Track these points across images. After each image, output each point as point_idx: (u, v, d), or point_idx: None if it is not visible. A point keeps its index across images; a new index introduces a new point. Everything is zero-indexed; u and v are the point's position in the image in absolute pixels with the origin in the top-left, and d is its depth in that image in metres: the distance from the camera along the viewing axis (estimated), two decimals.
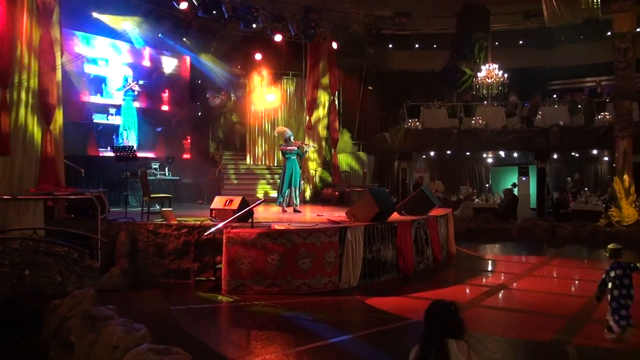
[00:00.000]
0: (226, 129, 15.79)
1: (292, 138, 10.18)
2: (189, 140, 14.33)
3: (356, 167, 16.21)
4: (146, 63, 13.36)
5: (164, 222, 7.72)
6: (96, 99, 12.16)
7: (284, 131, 10.33)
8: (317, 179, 14.84)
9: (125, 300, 6.27)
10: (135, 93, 12.73)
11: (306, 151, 10.66)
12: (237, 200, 7.71)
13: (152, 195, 8.90)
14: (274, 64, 15.36)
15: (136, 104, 12.75)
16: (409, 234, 7.99)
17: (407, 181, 15.19)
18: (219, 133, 15.77)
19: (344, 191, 13.50)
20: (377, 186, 15.35)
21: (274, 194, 14.85)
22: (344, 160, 16.12)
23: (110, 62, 12.44)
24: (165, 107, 13.81)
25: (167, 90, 13.81)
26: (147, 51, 13.27)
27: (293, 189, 10.05)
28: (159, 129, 13.28)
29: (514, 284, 7.55)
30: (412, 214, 8.73)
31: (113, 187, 10.81)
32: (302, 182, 13.47)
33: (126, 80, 12.61)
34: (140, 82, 12.91)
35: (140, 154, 12.28)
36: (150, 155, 12.93)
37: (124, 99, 12.50)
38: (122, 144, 11.54)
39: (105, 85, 12.36)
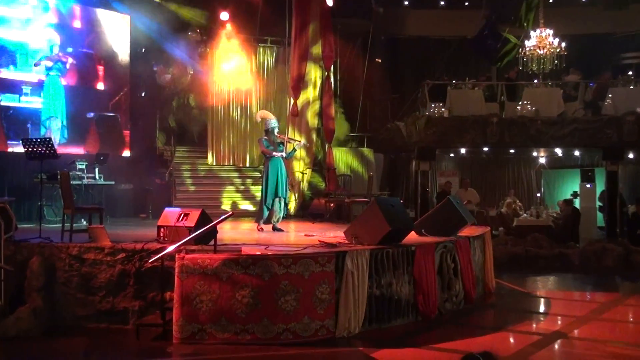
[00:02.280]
0: (180, 116, 15.81)
1: (276, 130, 10.21)
2: (129, 132, 14.30)
3: (359, 168, 16.28)
4: (77, 24, 13.32)
5: (92, 244, 7.65)
6: (5, 74, 12.08)
7: (267, 119, 10.33)
8: (304, 184, 14.88)
9: (36, 352, 6.15)
10: (67, 66, 12.67)
11: (295, 150, 10.65)
12: (195, 215, 7.67)
13: (76, 207, 8.83)
14: (247, 26, 15.43)
15: (63, 81, 12.72)
16: (431, 261, 7.98)
17: (428, 189, 15.23)
18: (169, 121, 15.77)
19: (342, 202, 13.52)
20: (388, 195, 15.56)
21: (245, 205, 14.88)
22: (343, 159, 16.19)
23: (32, 23, 12.36)
24: (101, 86, 13.77)
25: (102, 63, 13.76)
26: (78, 9, 13.24)
27: (278, 200, 10.07)
28: (91, 115, 13.23)
29: (575, 332, 7.56)
30: (436, 234, 8.74)
31: (23, 195, 10.73)
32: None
33: (52, 48, 12.55)
34: (69, 49, 12.87)
35: (63, 150, 12.25)
36: (79, 151, 12.88)
37: (47, 75, 12.41)
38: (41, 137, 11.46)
39: (22, 55, 12.28)
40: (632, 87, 15.45)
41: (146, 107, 14.84)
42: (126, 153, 14.10)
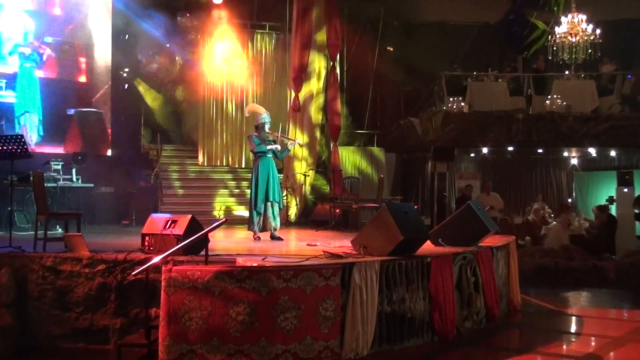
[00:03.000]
0: (168, 111, 15.81)
1: (267, 126, 10.19)
2: (110, 130, 14.34)
3: (368, 170, 16.29)
4: (57, 11, 13.34)
5: (69, 255, 7.65)
6: None
7: (257, 113, 10.31)
8: (307, 188, 14.88)
9: None
10: (44, 58, 12.69)
11: (288, 149, 10.66)
12: (184, 221, 7.67)
13: (51, 213, 8.84)
14: (242, 10, 15.46)
15: (40, 74, 12.73)
16: (449, 274, 7.96)
17: (445, 193, 15.21)
18: (155, 117, 15.79)
19: (349, 208, 13.51)
20: (401, 201, 15.54)
21: (240, 211, 14.88)
22: (350, 159, 16.20)
23: (4, 8, 12.40)
24: (83, 79, 13.79)
25: (85, 54, 13.77)
26: None
27: (270, 204, 10.04)
28: (72, 112, 13.25)
29: (611, 354, 7.53)
30: (455, 243, 8.72)
31: None
32: (285, 194, 13.46)
33: (26, 36, 12.57)
34: (49, 39, 12.90)
35: (40, 149, 12.29)
36: (59, 151, 12.92)
37: (21, 66, 12.44)
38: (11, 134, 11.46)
39: None
40: None
41: (129, 101, 14.87)
42: (107, 152, 14.13)
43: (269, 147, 10.03)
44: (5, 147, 8.62)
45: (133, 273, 7.10)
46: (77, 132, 13.29)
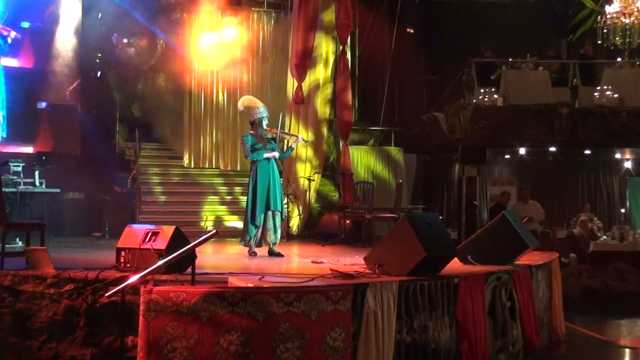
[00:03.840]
0: (147, 103, 15.82)
1: (265, 122, 10.17)
2: (79, 125, 14.31)
3: (384, 174, 16.28)
4: None
5: (31, 272, 7.65)
6: None
7: (253, 107, 10.29)
8: (311, 194, 14.88)
9: None
10: (9, 41, 12.70)
11: (291, 148, 10.64)
12: (167, 233, 7.67)
13: (9, 223, 8.82)
14: None
15: (5, 62, 12.75)
16: (480, 298, 7.95)
17: (476, 201, 15.19)
18: (133, 110, 15.82)
19: (362, 218, 13.49)
20: (423, 210, 15.50)
21: (233, 222, 14.87)
22: (362, 161, 16.20)
23: None
24: (60, 68, 13.79)
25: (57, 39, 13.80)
26: None
27: (271, 214, 10.02)
28: (44, 105, 13.25)
29: None
30: (487, 261, 8.72)
31: None
32: (286, 202, 13.43)
33: None
34: (26, 24, 12.93)
35: (4, 149, 12.28)
36: (28, 150, 12.92)
37: None
38: None
39: None
40: None
41: (102, 92, 14.85)
42: (74, 152, 14.06)
43: (266, 154, 10.01)
44: None
45: (106, 294, 7.09)
46: (48, 128, 13.28)
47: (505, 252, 8.91)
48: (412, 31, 17.77)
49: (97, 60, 14.91)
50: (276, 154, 10.11)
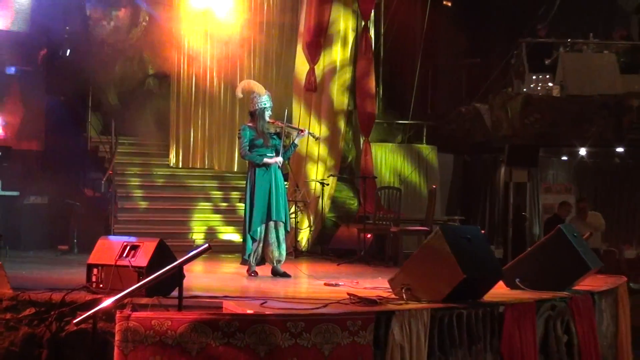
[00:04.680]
0: (127, 89, 15.86)
1: (268, 113, 10.14)
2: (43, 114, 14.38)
3: (413, 177, 16.26)
4: None
5: None
6: None
7: (254, 93, 10.23)
8: (325, 202, 14.87)
9: None
10: None
11: (295, 145, 10.51)
12: (149, 248, 7.68)
13: None
14: None
15: None
16: (530, 331, 7.93)
17: (525, 212, 15.16)
18: (109, 97, 15.84)
19: (387, 232, 13.49)
20: (461, 222, 15.41)
21: (229, 234, 14.88)
22: (387, 162, 16.18)
23: None
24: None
25: None
26: None
27: (272, 226, 10.04)
28: (12, 71, 13.31)
29: None
30: (539, 286, 8.72)
31: None
32: (293, 211, 13.42)
33: None
34: None
35: None
36: None
37: None
38: None
39: None
40: None
41: (72, 74, 14.87)
42: (36, 147, 14.16)
43: (266, 160, 9.97)
44: None
45: (74, 321, 7.11)
46: (18, 99, 13.36)
47: (562, 275, 8.87)
48: (449, 4, 17.75)
49: (66, 36, 14.93)
50: (280, 159, 10.06)
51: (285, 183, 11.82)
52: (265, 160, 9.97)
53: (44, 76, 14.38)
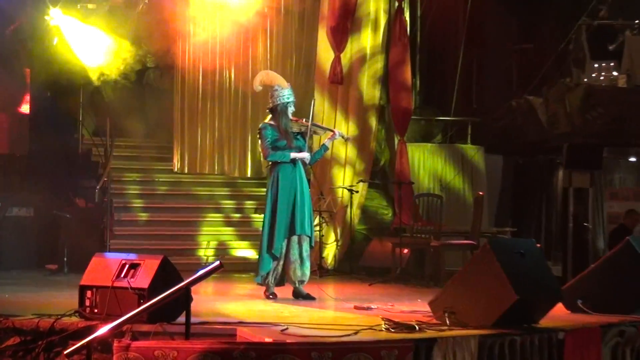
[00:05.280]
0: (124, 83, 15.88)
1: (291, 109, 10.15)
2: (21, 108, 14.44)
3: (456, 183, 16.26)
4: None
5: None
6: None
7: (275, 86, 10.21)
8: (354, 212, 14.86)
9: None
10: None
11: (326, 148, 10.54)
12: (151, 266, 7.70)
13: None
14: None
15: None
16: None
17: (587, 223, 15.10)
18: (103, 92, 15.86)
19: (426, 247, 13.46)
20: (513, 235, 15.34)
21: (243, 250, 14.90)
22: (426, 165, 16.18)
23: None
24: None
25: None
26: None
27: (296, 241, 10.02)
28: None
29: None
30: (605, 309, 8.69)
31: None
32: (317, 222, 13.39)
33: None
34: None
35: None
36: None
37: None
38: None
39: None
40: None
41: (59, 67, 14.91)
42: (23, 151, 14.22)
43: (294, 155, 9.99)
44: None
45: (65, 352, 7.13)
46: None
47: (631, 296, 8.84)
48: None
49: (51, 21, 14.97)
50: (307, 154, 10.07)
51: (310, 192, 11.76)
52: (293, 155, 9.97)
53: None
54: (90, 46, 15.31)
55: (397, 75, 15.12)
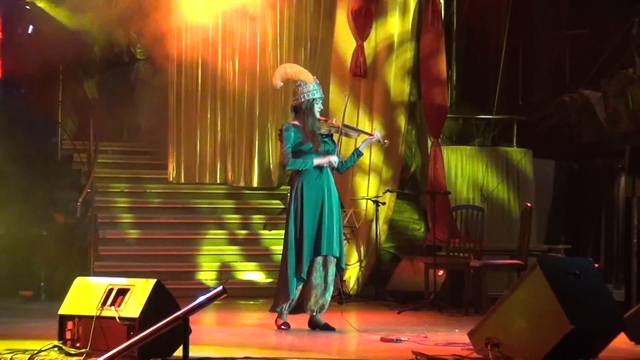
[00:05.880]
0: (110, 78, 15.92)
1: (318, 106, 10.13)
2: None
3: (500, 192, 16.25)
4: None
5: None
6: None
7: (299, 80, 10.16)
8: (381, 226, 14.83)
9: None
10: None
11: (359, 153, 10.47)
12: (142, 291, 7.70)
13: None
14: None
15: None
16: None
17: None
18: (86, 88, 15.92)
19: (464, 268, 13.42)
20: (566, 253, 15.29)
21: (250, 273, 14.91)
22: (464, 171, 16.25)
23: None
24: None
25: None
26: None
27: (320, 262, 9.99)
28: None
29: None
30: None
31: None
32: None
33: None
34: None
35: None
36: None
37: None
38: None
39: None
40: None
41: (35, 59, 14.94)
42: None
43: (318, 161, 9.93)
44: None
45: None
46: None
47: None
48: None
49: (27, 7, 15.02)
50: (334, 158, 10.02)
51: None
52: (316, 161, 9.90)
53: None
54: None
55: (430, 66, 15.14)
